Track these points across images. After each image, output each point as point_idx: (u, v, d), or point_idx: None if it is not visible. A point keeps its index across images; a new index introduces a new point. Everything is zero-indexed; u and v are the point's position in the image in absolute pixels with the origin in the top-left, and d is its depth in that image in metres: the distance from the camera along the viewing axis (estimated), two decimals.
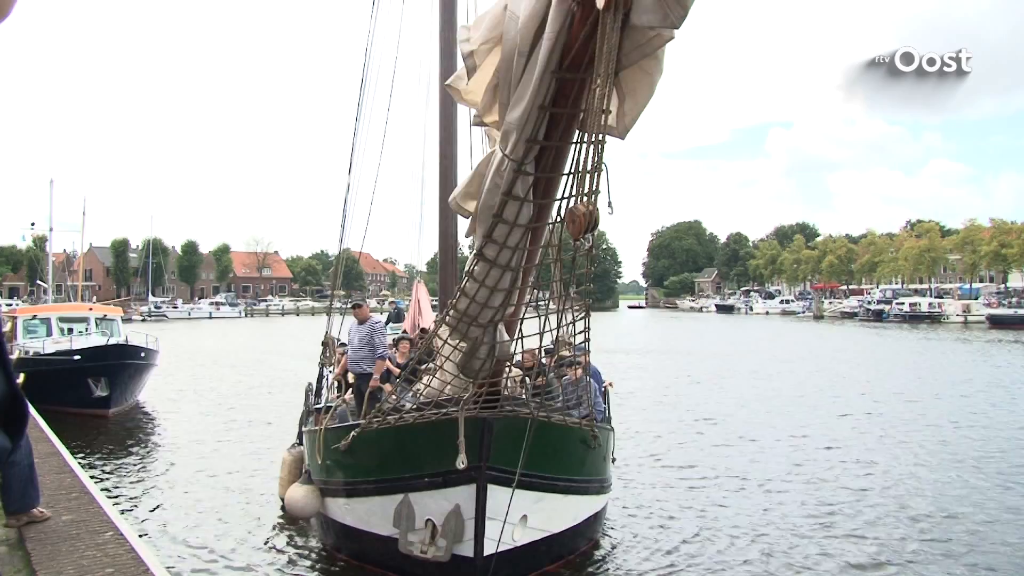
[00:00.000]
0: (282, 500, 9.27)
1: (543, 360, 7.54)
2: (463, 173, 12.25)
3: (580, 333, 5.44)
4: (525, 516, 6.41)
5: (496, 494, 6.05)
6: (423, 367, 6.43)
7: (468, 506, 6.09)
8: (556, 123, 4.39)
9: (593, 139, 4.07)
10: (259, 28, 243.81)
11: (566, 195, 4.36)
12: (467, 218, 5.26)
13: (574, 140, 4.39)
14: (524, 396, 6.89)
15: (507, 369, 6.25)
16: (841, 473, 12.33)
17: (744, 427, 16.68)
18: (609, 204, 4.19)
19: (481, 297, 5.07)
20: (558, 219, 4.49)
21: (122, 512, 8.70)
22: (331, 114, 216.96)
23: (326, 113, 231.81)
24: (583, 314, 5.25)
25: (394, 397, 6.57)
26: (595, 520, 8.29)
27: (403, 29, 12.23)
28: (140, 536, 7.16)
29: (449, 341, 5.55)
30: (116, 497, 10.61)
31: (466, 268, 5.18)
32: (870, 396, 21.64)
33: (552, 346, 6.56)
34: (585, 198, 4.15)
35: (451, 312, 5.33)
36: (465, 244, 12.25)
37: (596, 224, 4.14)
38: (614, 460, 8.82)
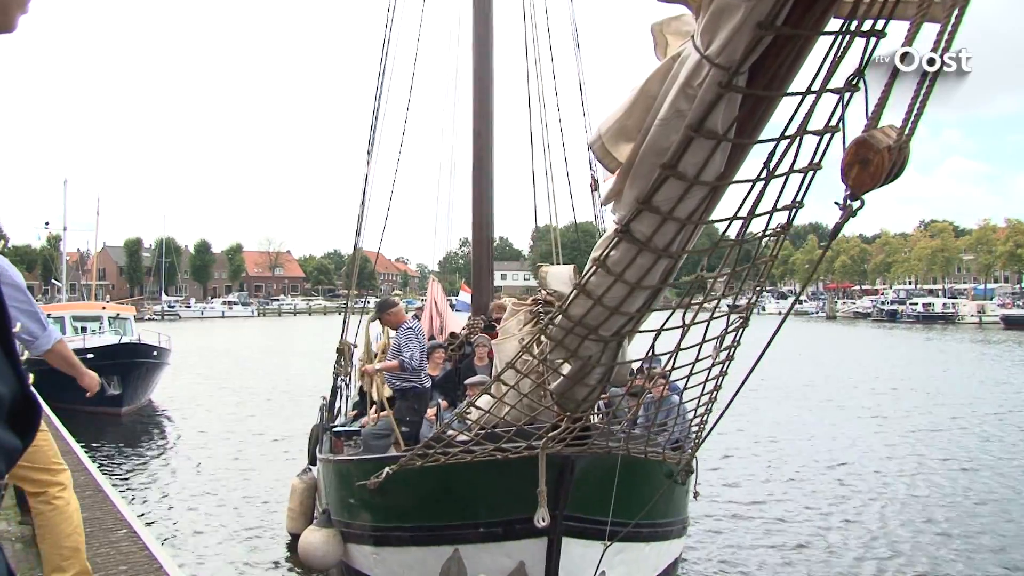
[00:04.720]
0: (290, 536, 8.39)
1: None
2: (499, 157, 10.52)
3: (724, 350, 3.96)
4: (604, 572, 5.33)
5: (571, 548, 4.95)
6: (473, 384, 5.44)
7: (536, 564, 5.00)
8: (806, 2, 2.38)
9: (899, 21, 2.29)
10: (271, 24, 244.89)
11: (830, 126, 2.52)
12: (612, 171, 3.18)
13: (837, 31, 2.41)
14: (600, 423, 5.56)
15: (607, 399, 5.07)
16: (945, 507, 10.59)
17: (821, 447, 14.86)
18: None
19: (612, 299, 3.34)
20: (763, 173, 2.79)
21: (130, 503, 8.69)
22: (345, 114, 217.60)
23: (340, 113, 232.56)
24: (739, 322, 3.74)
25: (449, 431, 5.13)
26: (673, 569, 7.19)
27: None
28: (148, 528, 7.18)
29: (549, 359, 4.02)
30: (128, 495, 10.64)
31: (594, 254, 3.38)
32: (950, 409, 19.52)
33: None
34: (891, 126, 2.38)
35: (558, 320, 3.72)
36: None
37: (903, 168, 2.42)
38: (697, 495, 7.58)
